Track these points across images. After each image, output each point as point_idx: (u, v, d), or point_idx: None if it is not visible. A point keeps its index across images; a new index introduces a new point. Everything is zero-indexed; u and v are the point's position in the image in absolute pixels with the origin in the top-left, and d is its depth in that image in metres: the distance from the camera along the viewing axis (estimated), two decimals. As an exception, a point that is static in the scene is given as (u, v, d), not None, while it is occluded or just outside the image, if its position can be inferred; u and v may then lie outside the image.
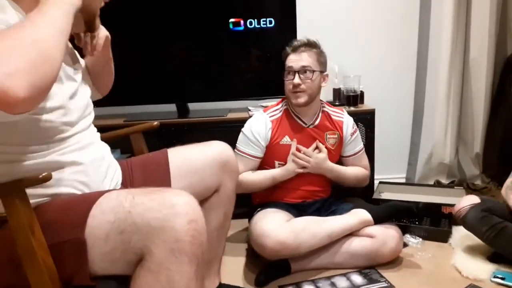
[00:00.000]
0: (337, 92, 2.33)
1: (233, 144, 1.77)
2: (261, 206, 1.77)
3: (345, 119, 1.86)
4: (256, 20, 2.14)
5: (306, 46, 1.72)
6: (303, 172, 1.75)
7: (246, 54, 2.24)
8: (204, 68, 2.25)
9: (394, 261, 1.69)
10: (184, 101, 2.31)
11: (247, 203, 1.87)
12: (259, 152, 1.78)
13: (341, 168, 1.84)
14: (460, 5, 2.34)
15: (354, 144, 1.88)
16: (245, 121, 1.82)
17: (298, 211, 1.77)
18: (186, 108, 2.31)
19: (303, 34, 1.82)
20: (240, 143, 1.79)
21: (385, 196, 2.21)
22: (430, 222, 1.97)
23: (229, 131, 1.84)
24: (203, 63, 2.25)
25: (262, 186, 1.78)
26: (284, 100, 1.85)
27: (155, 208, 0.82)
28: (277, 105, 1.85)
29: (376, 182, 2.32)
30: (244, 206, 1.80)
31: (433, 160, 2.52)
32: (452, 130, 2.51)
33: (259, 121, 1.79)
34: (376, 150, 2.26)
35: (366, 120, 2.20)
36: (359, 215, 1.67)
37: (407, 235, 1.89)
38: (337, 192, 1.94)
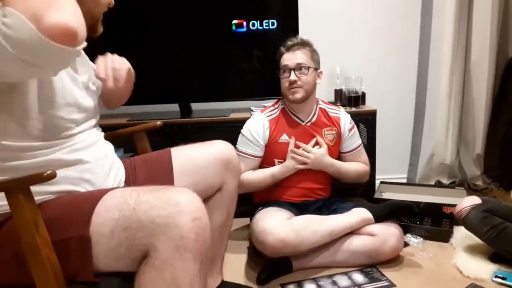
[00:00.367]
0: (339, 93, 2.34)
1: (235, 144, 1.79)
2: (263, 205, 1.78)
3: (342, 115, 1.88)
4: (259, 22, 2.15)
5: (300, 45, 1.76)
6: (303, 169, 1.76)
7: (249, 55, 2.25)
8: (207, 69, 2.26)
9: (395, 260, 1.70)
10: (187, 101, 2.32)
11: (249, 202, 1.89)
12: (259, 152, 1.80)
13: (341, 163, 1.86)
14: (462, 6, 2.34)
15: (353, 140, 1.90)
16: (248, 122, 1.84)
17: (299, 210, 1.78)
18: (189, 108, 2.33)
19: (305, 36, 1.83)
20: (240, 144, 1.81)
21: (387, 196, 2.21)
22: (431, 222, 1.98)
23: (232, 131, 1.85)
24: (206, 64, 2.26)
25: (263, 185, 1.79)
26: (281, 100, 1.88)
27: (160, 206, 0.83)
28: (274, 105, 1.87)
29: (378, 182, 2.32)
30: (246, 205, 1.81)
31: (434, 161, 2.53)
32: (454, 131, 2.51)
33: (257, 121, 1.81)
34: (378, 151, 2.27)
35: (368, 121, 2.21)
36: (360, 214, 1.68)
37: (408, 235, 1.90)
38: (338, 192, 1.95)
